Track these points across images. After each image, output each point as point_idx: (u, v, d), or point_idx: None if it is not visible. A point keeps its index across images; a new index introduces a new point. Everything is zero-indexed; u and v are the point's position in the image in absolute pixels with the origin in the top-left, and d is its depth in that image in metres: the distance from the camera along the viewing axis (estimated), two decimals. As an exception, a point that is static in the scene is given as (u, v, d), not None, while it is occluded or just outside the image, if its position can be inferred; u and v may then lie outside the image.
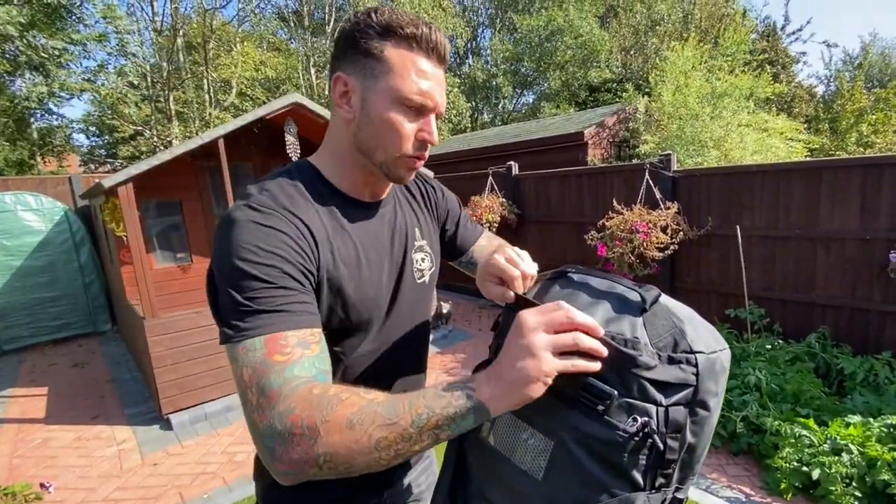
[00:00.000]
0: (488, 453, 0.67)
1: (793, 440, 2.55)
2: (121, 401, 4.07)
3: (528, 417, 0.63)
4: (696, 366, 0.59)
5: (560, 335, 0.55)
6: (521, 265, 0.74)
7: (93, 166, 14.50)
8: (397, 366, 0.90)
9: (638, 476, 0.58)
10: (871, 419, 2.57)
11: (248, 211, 0.69)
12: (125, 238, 3.49)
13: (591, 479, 0.58)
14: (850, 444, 2.41)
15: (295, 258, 0.69)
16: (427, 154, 0.80)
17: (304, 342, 0.64)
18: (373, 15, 0.74)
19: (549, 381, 0.55)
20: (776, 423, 2.68)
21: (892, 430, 2.45)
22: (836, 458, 2.37)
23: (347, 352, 0.83)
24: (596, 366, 0.56)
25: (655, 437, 0.56)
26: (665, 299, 0.65)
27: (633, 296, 0.65)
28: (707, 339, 0.62)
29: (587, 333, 0.56)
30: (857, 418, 2.59)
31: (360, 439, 0.55)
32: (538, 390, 0.54)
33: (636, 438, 0.56)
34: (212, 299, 0.71)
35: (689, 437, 0.60)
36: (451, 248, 1.09)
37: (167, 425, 3.56)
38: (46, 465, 3.15)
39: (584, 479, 0.58)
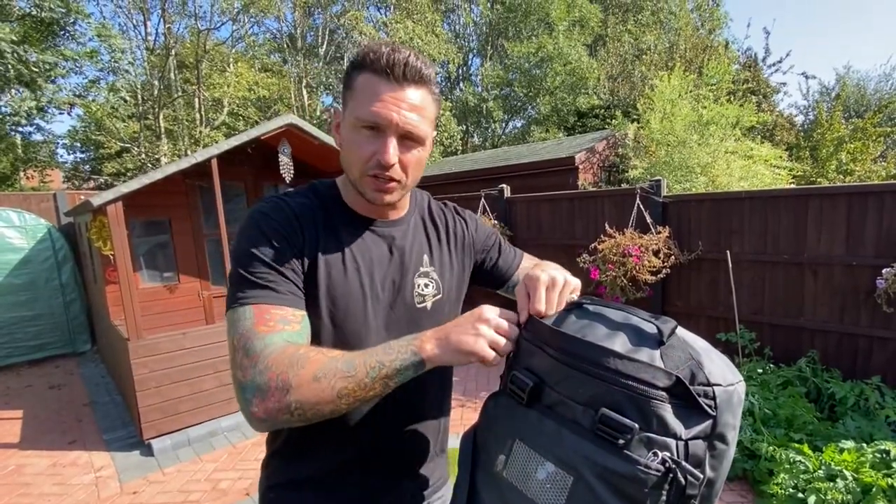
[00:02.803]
0: (504, 489, 0.64)
1: (787, 466, 2.54)
2: (99, 425, 3.93)
3: (545, 450, 0.61)
4: (714, 398, 0.58)
5: (496, 335, 0.71)
6: (554, 293, 0.73)
7: (76, 182, 14.31)
8: (407, 392, 0.81)
9: (658, 512, 0.56)
10: (865, 444, 2.58)
11: (264, 204, 0.84)
12: (112, 257, 3.41)
13: (612, 516, 0.56)
14: (844, 470, 2.40)
15: (291, 249, 0.80)
16: (392, 174, 0.81)
17: (285, 319, 0.75)
18: (359, 52, 0.81)
19: (481, 355, 0.69)
20: (770, 448, 2.68)
21: (885, 455, 2.45)
22: (832, 484, 2.36)
23: None
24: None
25: (678, 471, 0.55)
26: (681, 331, 0.65)
27: (650, 327, 0.64)
28: (724, 372, 0.62)
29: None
30: (850, 444, 2.59)
31: (325, 389, 0.67)
32: (466, 358, 0.70)
33: (658, 473, 0.54)
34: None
35: (709, 472, 0.59)
36: (497, 277, 1.10)
37: (148, 451, 3.43)
38: (20, 493, 3.00)
39: (605, 516, 0.56)
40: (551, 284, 0.73)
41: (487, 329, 0.70)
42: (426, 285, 0.94)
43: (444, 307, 0.98)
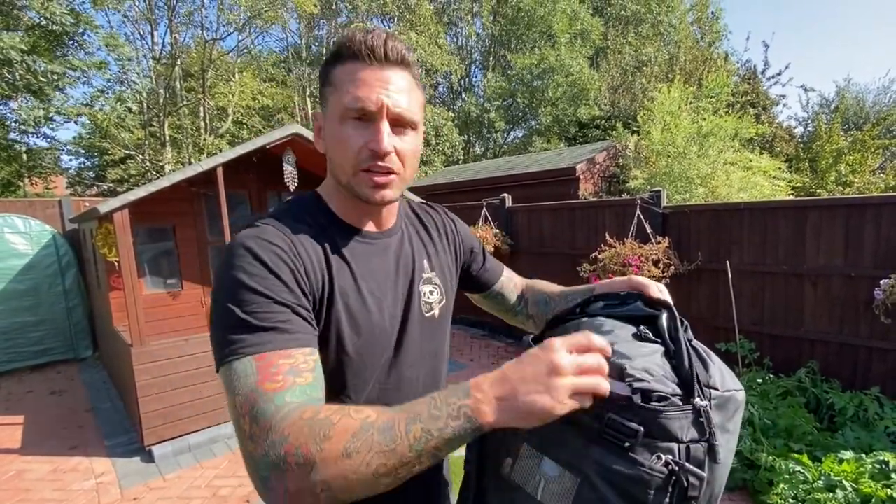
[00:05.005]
0: (511, 491, 0.66)
1: (787, 476, 2.54)
2: (100, 431, 3.93)
3: (551, 453, 0.63)
4: (710, 400, 0.61)
5: (583, 379, 0.55)
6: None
7: (79, 188, 14.38)
8: None
9: (661, 514, 0.58)
10: (864, 455, 2.58)
11: (250, 230, 0.71)
12: (116, 263, 3.45)
13: (616, 517, 0.58)
14: (843, 481, 2.41)
15: (295, 276, 0.68)
16: (386, 166, 0.73)
17: (296, 369, 0.62)
18: (334, 45, 0.75)
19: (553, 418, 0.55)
20: (770, 458, 2.68)
21: (884, 466, 2.46)
22: (831, 494, 2.36)
23: (355, 393, 0.79)
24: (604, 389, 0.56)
25: (680, 473, 0.57)
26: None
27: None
28: (723, 377, 0.64)
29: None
30: (849, 454, 2.60)
31: (359, 469, 0.53)
32: (539, 423, 0.55)
33: (661, 475, 0.57)
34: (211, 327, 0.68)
35: (708, 474, 0.60)
36: (478, 282, 1.08)
37: (148, 457, 3.43)
38: (21, 499, 3.00)
39: (610, 517, 0.58)
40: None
41: (566, 381, 0.54)
42: (431, 292, 0.89)
43: (447, 312, 0.94)
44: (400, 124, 0.74)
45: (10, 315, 5.40)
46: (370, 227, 0.83)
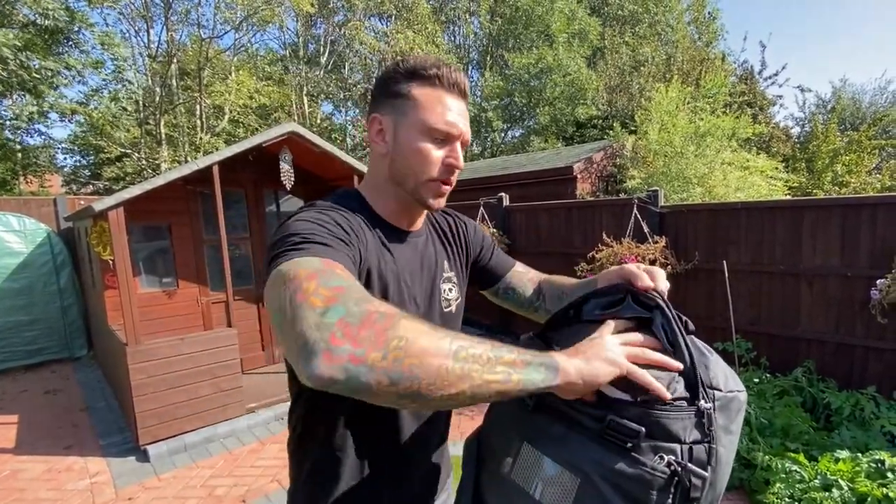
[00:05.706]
0: (510, 491, 0.66)
1: (784, 475, 2.55)
2: (95, 430, 3.91)
3: (552, 452, 0.63)
4: (713, 401, 0.61)
5: (632, 349, 0.64)
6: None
7: (75, 187, 14.29)
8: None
9: (663, 514, 0.57)
10: (860, 454, 2.59)
11: (309, 208, 0.81)
12: (111, 262, 3.42)
13: (617, 517, 0.57)
14: (839, 480, 2.41)
15: (351, 238, 0.76)
16: (453, 180, 0.88)
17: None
18: (400, 64, 0.86)
19: (620, 372, 0.60)
20: (767, 457, 2.68)
21: (880, 465, 2.47)
22: (827, 493, 2.37)
23: None
24: (656, 387, 0.60)
25: (682, 473, 0.56)
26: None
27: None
28: (726, 378, 0.64)
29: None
30: (845, 453, 2.61)
31: (442, 339, 0.52)
32: (597, 385, 0.60)
33: (664, 475, 0.56)
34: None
35: (710, 474, 0.60)
36: (488, 276, 1.13)
37: (143, 457, 3.41)
38: (15, 499, 2.98)
39: (610, 518, 0.57)
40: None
41: (619, 348, 0.63)
42: (450, 290, 1.00)
43: (461, 308, 1.04)
44: (462, 147, 0.88)
45: (5, 314, 5.35)
46: (405, 225, 0.94)
